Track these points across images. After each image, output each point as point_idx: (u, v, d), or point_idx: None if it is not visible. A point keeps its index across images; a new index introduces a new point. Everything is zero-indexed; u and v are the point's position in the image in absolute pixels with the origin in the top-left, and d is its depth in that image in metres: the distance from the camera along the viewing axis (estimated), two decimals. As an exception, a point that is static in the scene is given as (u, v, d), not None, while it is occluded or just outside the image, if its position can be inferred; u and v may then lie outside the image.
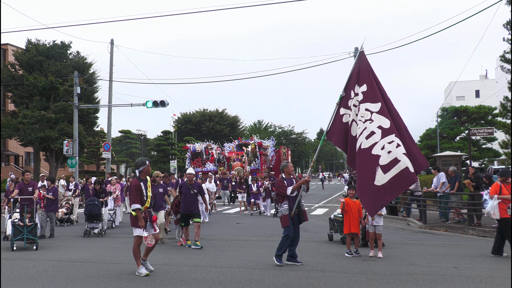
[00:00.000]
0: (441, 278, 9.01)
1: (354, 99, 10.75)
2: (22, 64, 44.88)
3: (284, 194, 10.43)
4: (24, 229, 12.91)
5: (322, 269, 9.95)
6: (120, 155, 63.86)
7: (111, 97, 34.86)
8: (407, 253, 12.22)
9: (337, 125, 10.99)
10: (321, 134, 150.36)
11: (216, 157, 36.49)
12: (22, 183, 14.98)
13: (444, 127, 45.60)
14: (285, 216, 10.39)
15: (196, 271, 9.81)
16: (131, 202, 9.50)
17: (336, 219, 14.00)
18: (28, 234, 12.92)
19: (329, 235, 14.42)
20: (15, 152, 58.06)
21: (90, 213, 15.72)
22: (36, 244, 12.98)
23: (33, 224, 13.18)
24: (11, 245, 12.80)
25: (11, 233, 13.10)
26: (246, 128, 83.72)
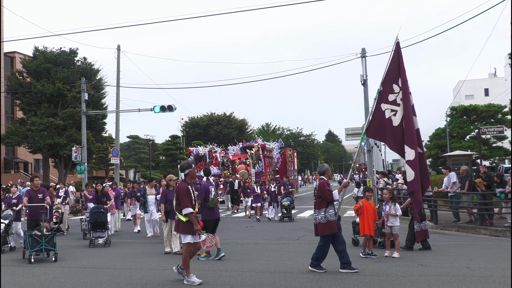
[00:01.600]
0: (454, 279, 8.92)
1: (400, 94, 10.47)
2: (29, 72, 45.11)
3: (330, 199, 9.80)
4: (42, 239, 12.01)
5: (333, 271, 9.88)
6: (128, 161, 64.07)
7: (118, 102, 34.89)
8: (419, 254, 12.13)
9: (378, 121, 10.65)
10: (330, 136, 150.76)
11: (220, 161, 35.84)
12: (31, 190, 14.04)
13: (453, 126, 45.36)
14: (332, 222, 9.75)
15: (207, 275, 9.75)
16: (182, 207, 9.02)
17: None
18: (46, 244, 12.03)
19: (353, 240, 14.04)
20: (24, 159, 58.32)
21: (96, 221, 14.76)
22: (55, 255, 12.14)
23: (51, 234, 12.26)
24: (29, 257, 11.94)
25: (28, 244, 12.10)
26: (254, 131, 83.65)
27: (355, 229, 13.78)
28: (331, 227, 9.73)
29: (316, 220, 9.91)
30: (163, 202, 13.04)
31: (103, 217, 14.87)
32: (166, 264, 11.16)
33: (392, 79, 10.60)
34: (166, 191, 13.11)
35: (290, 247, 13.67)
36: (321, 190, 9.84)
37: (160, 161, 66.97)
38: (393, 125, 10.43)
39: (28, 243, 12.08)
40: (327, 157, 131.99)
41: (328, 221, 9.73)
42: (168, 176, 13.43)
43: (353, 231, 13.90)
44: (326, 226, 9.74)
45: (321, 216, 9.78)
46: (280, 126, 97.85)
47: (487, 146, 41.67)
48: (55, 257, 12.07)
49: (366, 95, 25.75)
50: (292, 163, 38.24)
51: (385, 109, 10.54)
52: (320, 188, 9.87)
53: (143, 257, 12.45)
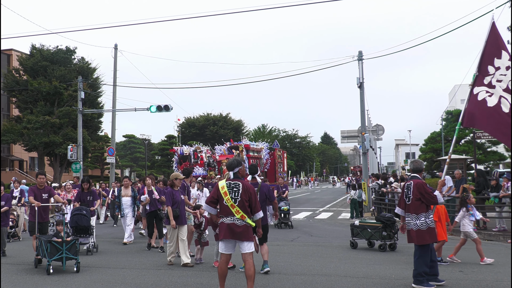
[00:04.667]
0: (448, 282, 8.94)
1: (496, 74, 9.75)
2: (26, 69, 45.11)
3: (433, 202, 8.76)
4: (63, 246, 10.33)
5: (327, 273, 9.90)
6: (124, 160, 64.01)
7: (115, 101, 34.85)
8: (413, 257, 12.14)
9: (474, 107, 9.89)
10: (326, 138, 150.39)
11: (206, 161, 33.67)
12: (35, 188, 12.32)
13: (449, 130, 45.54)
14: (433, 229, 8.73)
15: (201, 275, 9.77)
16: (255, 210, 7.90)
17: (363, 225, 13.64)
18: (67, 252, 10.35)
19: (352, 243, 13.77)
20: (19, 157, 58.21)
21: (76, 225, 12.32)
22: (77, 264, 10.43)
23: (73, 240, 10.59)
24: (47, 267, 10.16)
25: (46, 251, 10.32)
26: (250, 132, 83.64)
27: (353, 232, 13.68)
28: (432, 236, 8.71)
29: (414, 226, 8.73)
30: (170, 204, 11.11)
31: (84, 221, 12.37)
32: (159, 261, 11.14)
33: (488, 61, 10.13)
34: (172, 192, 11.32)
35: (284, 248, 13.69)
36: (420, 192, 8.72)
37: (155, 160, 66.92)
38: (487, 106, 9.81)
39: (45, 250, 10.30)
40: (322, 159, 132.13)
41: (429, 228, 8.65)
42: (174, 174, 11.97)
43: (352, 234, 13.75)
44: (427, 233, 8.63)
45: (420, 222, 8.65)
46: (276, 127, 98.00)
47: (482, 150, 41.84)
48: (77, 267, 10.40)
49: (363, 98, 25.84)
50: (282, 164, 37.26)
51: (479, 92, 9.99)
52: (419, 189, 8.76)
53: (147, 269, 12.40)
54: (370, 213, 23.88)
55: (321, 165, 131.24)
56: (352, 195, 23.95)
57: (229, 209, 7.68)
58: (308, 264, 10.62)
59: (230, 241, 7.73)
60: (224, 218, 7.72)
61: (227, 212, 7.69)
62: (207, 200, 8.02)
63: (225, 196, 7.73)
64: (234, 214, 7.65)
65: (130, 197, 15.41)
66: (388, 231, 13.11)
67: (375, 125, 34.90)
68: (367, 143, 26.12)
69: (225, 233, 7.65)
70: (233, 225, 7.63)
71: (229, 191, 7.76)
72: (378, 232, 13.10)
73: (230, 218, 7.67)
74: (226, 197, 7.72)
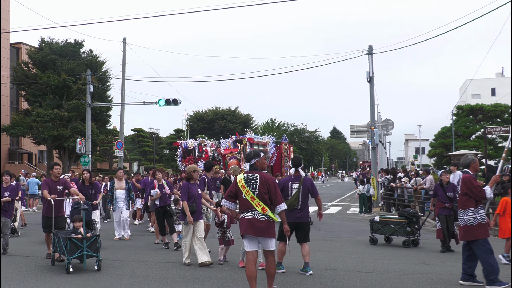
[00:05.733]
0: (456, 278, 8.85)
1: None
2: (35, 63, 45.17)
3: (481, 197, 8.40)
4: (83, 243, 9.66)
5: (335, 268, 9.83)
6: (132, 154, 64.01)
7: (123, 95, 34.88)
8: (422, 252, 12.09)
9: None
10: (335, 133, 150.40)
11: (210, 155, 33.46)
12: (50, 180, 11.48)
13: (459, 125, 45.29)
14: (484, 225, 8.40)
15: (210, 269, 9.72)
16: (276, 203, 7.39)
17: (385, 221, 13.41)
18: (87, 249, 9.70)
19: (371, 238, 13.59)
20: (28, 150, 58.38)
21: None
22: (98, 262, 9.79)
23: (94, 236, 9.94)
24: (67, 265, 9.56)
25: (64, 249, 9.67)
26: (258, 126, 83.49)
27: (373, 228, 13.40)
28: (482, 231, 8.37)
29: (461, 221, 8.50)
30: (186, 198, 10.31)
31: (86, 215, 11.12)
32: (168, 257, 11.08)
33: None
34: (189, 185, 10.49)
35: (292, 243, 13.52)
36: (467, 187, 8.44)
37: (164, 154, 66.94)
38: None
39: (64, 247, 9.70)
40: (331, 153, 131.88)
41: (478, 223, 8.36)
42: (191, 166, 11.07)
43: (371, 230, 13.47)
44: (476, 229, 8.35)
45: (468, 217, 8.41)
46: (284, 122, 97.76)
47: (492, 146, 41.60)
48: (99, 264, 9.77)
49: (372, 92, 25.69)
50: (288, 158, 36.77)
51: None
52: (467, 184, 8.48)
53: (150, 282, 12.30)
54: (379, 208, 23.77)
55: (330, 160, 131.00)
56: (360, 189, 23.85)
57: (249, 202, 7.27)
58: (316, 259, 10.54)
59: (254, 237, 7.30)
60: (244, 213, 7.30)
61: (248, 206, 7.28)
62: (225, 195, 7.61)
63: (243, 189, 7.33)
64: (255, 207, 7.22)
65: (125, 190, 14.79)
66: (412, 227, 12.87)
67: (384, 120, 34.83)
68: (377, 137, 25.97)
69: (246, 228, 7.24)
70: (254, 220, 7.20)
71: (246, 184, 7.35)
72: (402, 227, 12.83)
73: (251, 213, 7.24)
74: (244, 190, 7.32)
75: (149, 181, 15.76)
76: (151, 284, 8.58)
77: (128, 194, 14.80)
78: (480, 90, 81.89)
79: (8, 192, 12.13)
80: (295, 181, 9.46)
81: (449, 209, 12.16)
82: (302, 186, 9.37)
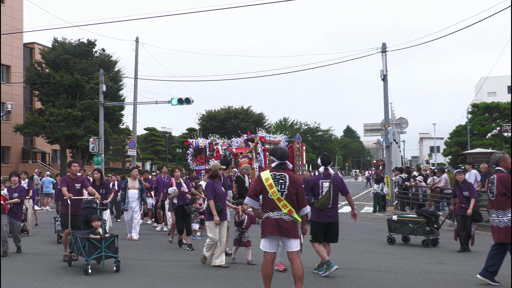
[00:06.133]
0: (472, 278, 8.71)
1: None
2: (48, 63, 45.52)
3: None
4: (102, 243, 9.38)
5: (349, 267, 9.72)
6: (145, 153, 64.17)
7: (136, 94, 34.92)
8: (437, 252, 11.94)
9: None
10: (348, 132, 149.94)
11: (222, 154, 32.70)
12: (68, 178, 10.95)
13: (475, 123, 44.93)
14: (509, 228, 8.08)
15: (222, 268, 9.66)
16: (302, 204, 7.14)
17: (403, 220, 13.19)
18: (106, 250, 9.41)
19: (389, 238, 13.31)
20: (42, 150, 58.75)
21: (86, 219, 11.23)
22: (117, 263, 9.52)
23: (112, 236, 9.63)
24: (85, 266, 9.25)
25: (82, 249, 9.35)
26: (271, 125, 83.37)
27: (391, 227, 13.21)
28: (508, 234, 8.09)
29: (501, 223, 8.15)
30: (212, 197, 9.86)
31: (94, 214, 10.98)
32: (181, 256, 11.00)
33: None
34: (214, 184, 10.04)
35: (306, 242, 13.42)
36: (504, 186, 8.13)
37: (176, 153, 67.07)
38: None
39: (82, 248, 9.38)
40: (345, 152, 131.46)
41: (506, 226, 8.08)
42: (215, 164, 10.61)
43: (389, 229, 13.27)
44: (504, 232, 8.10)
45: (508, 219, 8.07)
46: (297, 120, 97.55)
47: (508, 144, 41.12)
48: (117, 265, 9.49)
49: (386, 90, 25.49)
50: (301, 157, 36.34)
51: None
52: (504, 183, 8.16)
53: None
54: (393, 207, 23.58)
55: (344, 159, 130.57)
56: (375, 188, 23.67)
57: (275, 203, 6.90)
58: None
59: (275, 238, 6.97)
60: (269, 212, 6.94)
61: (273, 206, 6.92)
62: (250, 193, 7.13)
63: (271, 188, 6.95)
64: (280, 208, 6.88)
65: (138, 190, 14.45)
66: (431, 226, 12.67)
67: (398, 118, 34.59)
68: (391, 136, 25.75)
69: (272, 228, 6.87)
70: (280, 220, 6.86)
71: (275, 183, 6.96)
72: (421, 227, 12.64)
73: (277, 213, 6.89)
74: (272, 189, 6.93)
75: (162, 180, 15.60)
76: (164, 283, 8.52)
77: (140, 194, 14.48)
78: (496, 88, 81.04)
79: (17, 193, 11.85)
80: (325, 179, 9.18)
81: (466, 209, 11.90)
82: (333, 184, 9.12)
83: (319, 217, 9.03)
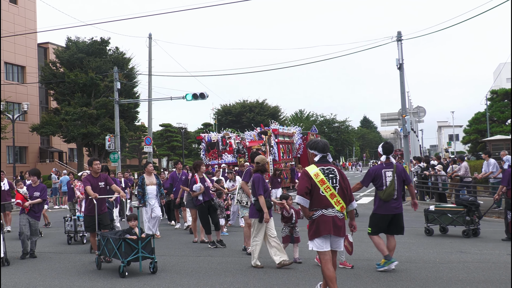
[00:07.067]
0: (494, 266, 8.58)
1: None
2: (63, 62, 45.76)
3: None
4: (139, 244, 8.97)
5: (368, 258, 9.64)
6: (161, 149, 64.30)
7: (150, 91, 34.91)
8: (457, 241, 11.78)
9: None
10: (365, 122, 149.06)
11: (235, 147, 32.43)
12: (90, 177, 10.54)
13: (494, 110, 44.40)
14: None
15: (241, 263, 9.63)
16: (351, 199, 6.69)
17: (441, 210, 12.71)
18: (142, 250, 8.97)
19: (427, 229, 12.82)
20: (59, 149, 59.13)
21: None
22: (153, 264, 9.05)
23: (149, 236, 9.22)
24: (122, 268, 8.80)
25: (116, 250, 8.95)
26: (287, 118, 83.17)
27: (428, 218, 12.77)
28: None
29: None
30: (262, 193, 9.29)
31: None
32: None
33: None
34: (263, 178, 9.49)
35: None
36: None
37: (192, 149, 67.10)
38: None
39: (117, 249, 8.96)
40: (362, 143, 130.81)
41: None
42: (262, 157, 9.87)
43: (426, 220, 12.84)
44: None
45: None
46: (314, 112, 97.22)
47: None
48: (154, 266, 9.06)
49: (403, 79, 25.22)
50: None
51: None
52: None
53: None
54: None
55: (361, 150, 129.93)
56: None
57: (328, 200, 6.37)
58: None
59: (329, 236, 6.41)
60: (323, 210, 6.36)
61: (325, 203, 6.37)
62: (301, 191, 6.43)
63: (323, 184, 6.39)
64: (333, 205, 6.36)
65: (156, 185, 13.75)
66: (470, 216, 12.18)
67: (416, 107, 34.22)
68: (408, 125, 25.48)
69: (329, 227, 6.32)
70: (336, 218, 6.36)
71: (326, 179, 6.45)
72: (460, 217, 12.17)
73: (331, 210, 6.36)
74: (324, 185, 6.39)
75: (177, 176, 15.43)
76: (183, 277, 8.52)
77: (159, 189, 13.84)
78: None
79: (38, 192, 11.40)
80: (388, 168, 8.74)
81: None
82: (396, 174, 8.68)
83: (383, 209, 8.66)
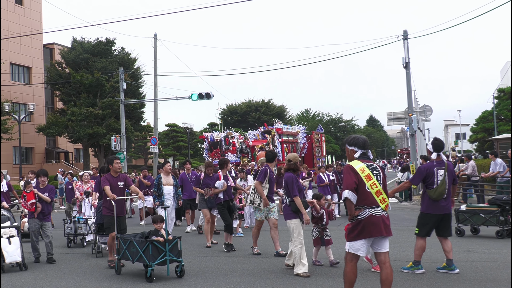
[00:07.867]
0: (502, 265, 8.56)
1: None
2: (68, 63, 45.90)
3: None
4: (166, 247, 8.61)
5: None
6: (167, 149, 64.31)
7: (156, 91, 34.96)
8: (465, 240, 11.73)
9: None
10: (371, 121, 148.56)
11: (238, 147, 32.18)
12: (109, 176, 9.98)
13: (501, 109, 44.20)
14: None
15: (248, 262, 9.62)
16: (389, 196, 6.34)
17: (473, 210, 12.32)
18: (170, 253, 8.63)
19: (458, 230, 12.34)
20: (65, 149, 59.25)
21: (101, 222, 10.52)
22: (180, 267, 8.73)
23: (176, 238, 8.85)
24: (149, 272, 8.42)
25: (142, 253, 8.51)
26: (293, 117, 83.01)
27: (459, 218, 12.37)
28: None
29: None
30: (297, 193, 8.89)
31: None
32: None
33: None
34: (296, 178, 9.10)
35: (332, 233, 13.22)
36: None
37: (198, 149, 67.08)
38: None
39: (142, 252, 8.54)
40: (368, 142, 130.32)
41: None
42: (294, 155, 9.47)
43: (457, 220, 12.38)
44: None
45: None
46: (319, 111, 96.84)
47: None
48: (181, 270, 8.73)
49: (409, 78, 25.12)
50: (320, 148, 35.24)
51: None
52: None
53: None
54: (420, 196, 23.23)
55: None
56: (400, 177, 23.38)
57: (373, 197, 6.02)
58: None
59: (370, 240, 6.10)
60: (369, 209, 6.00)
61: (371, 201, 6.02)
62: (349, 186, 6.02)
63: (369, 180, 6.06)
64: (379, 203, 6.02)
65: (173, 186, 13.38)
66: (505, 216, 11.78)
67: (422, 106, 33.96)
68: (415, 124, 25.35)
69: (379, 228, 5.99)
70: (384, 217, 6.05)
71: (372, 175, 6.12)
72: (494, 216, 11.77)
73: (378, 209, 6.01)
74: (370, 181, 6.05)
75: (186, 177, 15.11)
76: (190, 278, 8.51)
77: (176, 190, 13.46)
78: (523, 71, 79.35)
79: (47, 193, 11.12)
80: (439, 166, 8.39)
81: None
82: (448, 171, 8.34)
83: (433, 209, 8.34)
